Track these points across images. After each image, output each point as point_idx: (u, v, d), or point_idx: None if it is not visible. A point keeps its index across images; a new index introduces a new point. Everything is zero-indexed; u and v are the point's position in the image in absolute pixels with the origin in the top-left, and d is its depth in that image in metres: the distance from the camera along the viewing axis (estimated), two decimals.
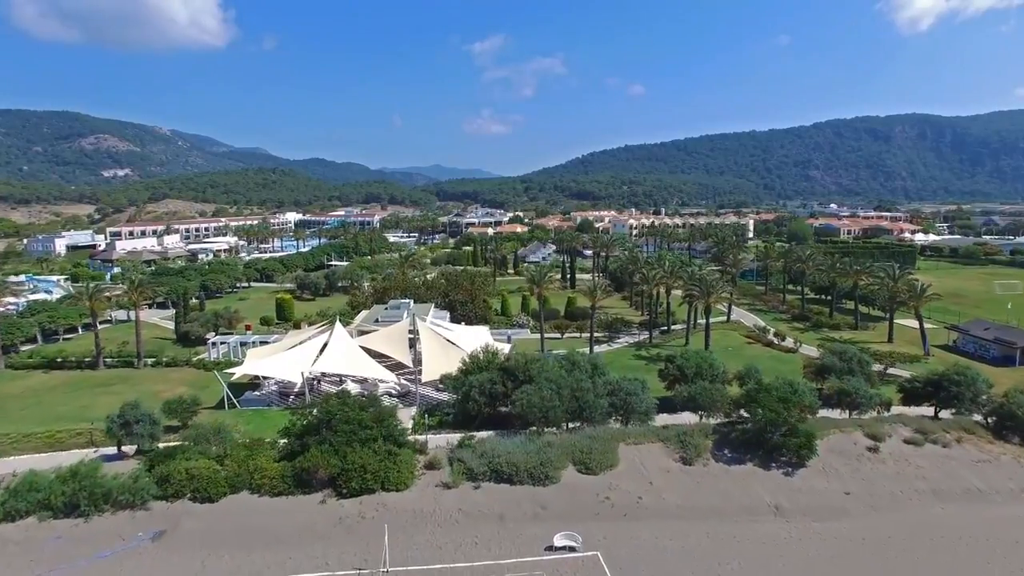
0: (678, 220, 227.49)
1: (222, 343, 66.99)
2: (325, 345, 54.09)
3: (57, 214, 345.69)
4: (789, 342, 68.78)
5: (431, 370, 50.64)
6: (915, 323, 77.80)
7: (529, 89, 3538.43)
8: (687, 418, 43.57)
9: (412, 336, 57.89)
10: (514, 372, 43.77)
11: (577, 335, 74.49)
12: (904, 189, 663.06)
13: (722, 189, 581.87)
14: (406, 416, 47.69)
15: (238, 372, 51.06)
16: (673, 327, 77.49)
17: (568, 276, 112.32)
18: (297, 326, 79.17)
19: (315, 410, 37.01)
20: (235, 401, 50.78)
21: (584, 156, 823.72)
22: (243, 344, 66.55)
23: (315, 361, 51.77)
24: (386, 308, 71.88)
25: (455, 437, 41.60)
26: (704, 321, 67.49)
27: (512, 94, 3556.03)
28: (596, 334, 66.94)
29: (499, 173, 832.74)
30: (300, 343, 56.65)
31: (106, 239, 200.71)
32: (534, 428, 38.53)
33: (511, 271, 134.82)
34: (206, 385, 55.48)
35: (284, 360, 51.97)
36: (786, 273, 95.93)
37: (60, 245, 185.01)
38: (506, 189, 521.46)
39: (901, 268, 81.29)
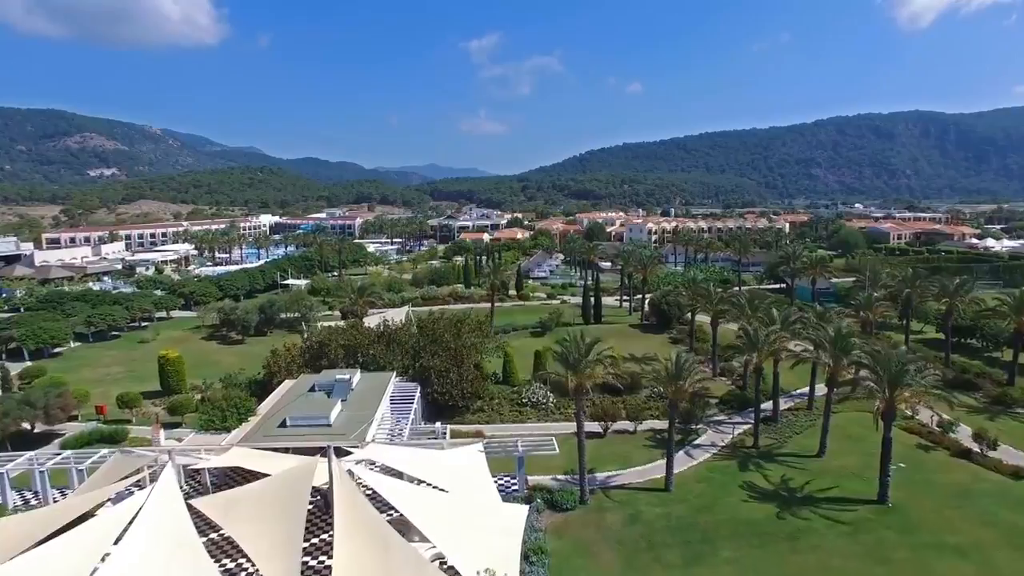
0: (703, 224, 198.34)
1: (4, 463, 37.24)
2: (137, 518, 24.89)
3: (22, 215, 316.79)
4: (1006, 452, 39.62)
5: None
6: None
7: (526, 87, 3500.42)
8: None
9: (326, 490, 28.46)
10: None
11: (630, 428, 45.33)
12: (908, 187, 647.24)
13: (723, 188, 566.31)
14: None
15: None
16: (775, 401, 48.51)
17: (592, 305, 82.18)
18: (176, 410, 49.69)
19: None
20: None
21: (582, 155, 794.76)
22: (40, 468, 36.93)
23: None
24: (312, 388, 42.39)
25: None
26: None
27: (509, 93, 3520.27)
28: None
29: (496, 172, 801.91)
30: (101, 506, 27.36)
31: (42, 247, 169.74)
32: None
33: (512, 292, 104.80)
34: None
35: None
36: (908, 306, 67.15)
37: None
38: (503, 188, 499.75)
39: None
